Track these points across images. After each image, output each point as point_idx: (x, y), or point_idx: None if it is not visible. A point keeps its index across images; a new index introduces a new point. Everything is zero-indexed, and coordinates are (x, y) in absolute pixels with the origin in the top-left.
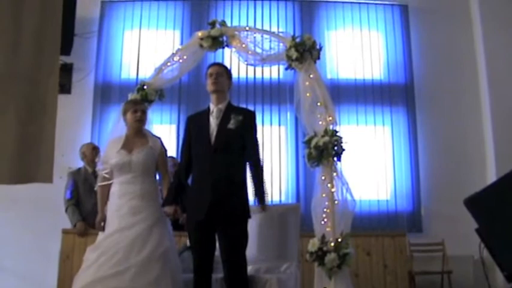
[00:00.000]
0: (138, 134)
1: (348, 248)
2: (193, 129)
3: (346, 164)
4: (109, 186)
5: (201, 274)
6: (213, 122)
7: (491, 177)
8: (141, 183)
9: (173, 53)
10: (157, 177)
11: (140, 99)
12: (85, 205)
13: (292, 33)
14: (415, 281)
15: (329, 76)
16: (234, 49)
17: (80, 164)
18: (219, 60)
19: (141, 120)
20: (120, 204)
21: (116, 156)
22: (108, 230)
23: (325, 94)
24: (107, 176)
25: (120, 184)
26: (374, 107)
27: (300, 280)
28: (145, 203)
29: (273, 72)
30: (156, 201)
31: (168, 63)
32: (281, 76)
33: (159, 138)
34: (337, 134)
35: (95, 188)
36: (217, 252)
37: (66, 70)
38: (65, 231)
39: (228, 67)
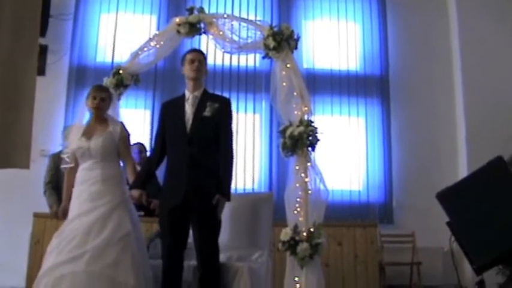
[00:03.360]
0: (99, 120)
1: (321, 238)
2: (169, 116)
3: (320, 154)
4: (74, 173)
5: (172, 261)
6: (189, 109)
7: (462, 171)
8: (101, 168)
9: (150, 38)
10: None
11: (106, 86)
12: None
13: (269, 22)
14: (385, 272)
15: (305, 66)
16: (211, 36)
17: (53, 147)
18: (196, 47)
19: (98, 108)
20: (81, 190)
21: (76, 143)
22: (69, 216)
23: (301, 84)
24: (67, 159)
25: (81, 170)
26: (349, 98)
27: (272, 269)
28: (108, 187)
29: (250, 60)
30: (119, 186)
31: (145, 48)
32: (257, 64)
33: (122, 122)
34: (312, 124)
35: None
36: (189, 239)
37: (41, 52)
38: (36, 215)
39: (206, 54)
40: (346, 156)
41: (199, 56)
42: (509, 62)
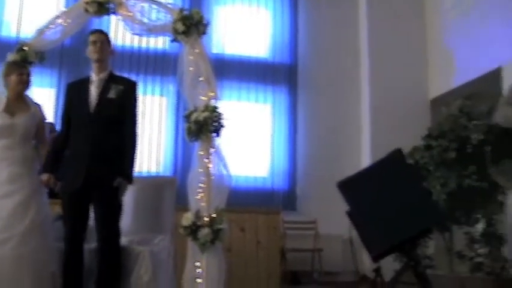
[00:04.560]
0: (19, 98)
1: (222, 223)
2: (73, 98)
3: (225, 140)
4: None
5: (73, 244)
6: (94, 91)
7: (365, 161)
8: (21, 148)
9: (57, 15)
10: None
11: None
12: None
13: (180, 6)
14: (286, 258)
15: (215, 51)
16: (120, 17)
17: None
18: (105, 26)
19: (27, 82)
20: None
21: None
22: None
23: (208, 69)
24: None
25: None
26: (257, 85)
27: (174, 253)
28: (26, 169)
29: (159, 43)
30: (35, 169)
31: (51, 25)
32: (167, 47)
33: (39, 105)
34: (218, 110)
35: None
36: (90, 222)
37: None
38: None
39: (113, 34)
40: (252, 142)
41: (101, 37)
42: (415, 56)
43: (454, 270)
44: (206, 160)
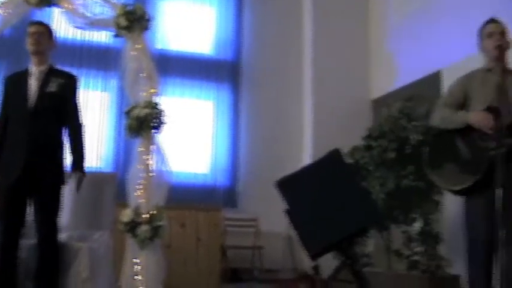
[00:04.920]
0: None
1: (162, 220)
2: (11, 90)
3: (167, 136)
4: None
5: (9, 239)
6: (33, 84)
7: (307, 160)
8: None
9: None
10: None
11: None
12: None
13: (124, 1)
14: (226, 255)
15: (159, 47)
16: (62, 10)
17: None
18: (48, 18)
19: None
20: None
21: None
22: None
23: (150, 65)
24: None
25: None
26: (200, 82)
27: (113, 249)
28: None
29: (102, 37)
30: None
31: None
32: (109, 41)
33: None
34: (159, 106)
35: None
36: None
37: None
38: None
39: (56, 26)
40: (195, 139)
41: (40, 29)
42: (358, 56)
43: (391, 268)
44: (146, 157)
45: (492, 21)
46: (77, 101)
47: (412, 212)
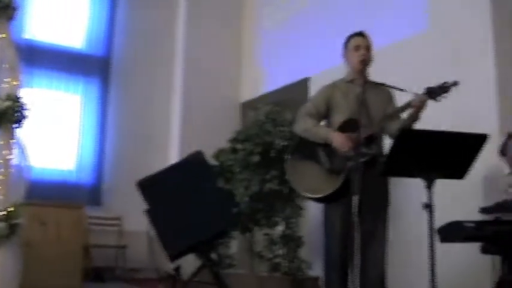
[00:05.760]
0: None
1: (19, 218)
2: None
3: (30, 130)
4: None
5: None
6: None
7: (174, 160)
8: None
9: None
10: None
11: None
12: None
13: None
14: (90, 254)
15: (26, 37)
16: None
17: None
18: None
19: None
20: None
21: None
22: None
23: (14, 56)
24: None
25: None
26: (68, 75)
27: None
28: None
29: None
30: None
31: None
32: None
33: None
34: (21, 99)
35: None
36: None
37: None
38: None
39: None
40: (60, 134)
41: None
42: (229, 58)
43: (254, 269)
44: (5, 152)
45: (360, 34)
46: None
47: (275, 216)
